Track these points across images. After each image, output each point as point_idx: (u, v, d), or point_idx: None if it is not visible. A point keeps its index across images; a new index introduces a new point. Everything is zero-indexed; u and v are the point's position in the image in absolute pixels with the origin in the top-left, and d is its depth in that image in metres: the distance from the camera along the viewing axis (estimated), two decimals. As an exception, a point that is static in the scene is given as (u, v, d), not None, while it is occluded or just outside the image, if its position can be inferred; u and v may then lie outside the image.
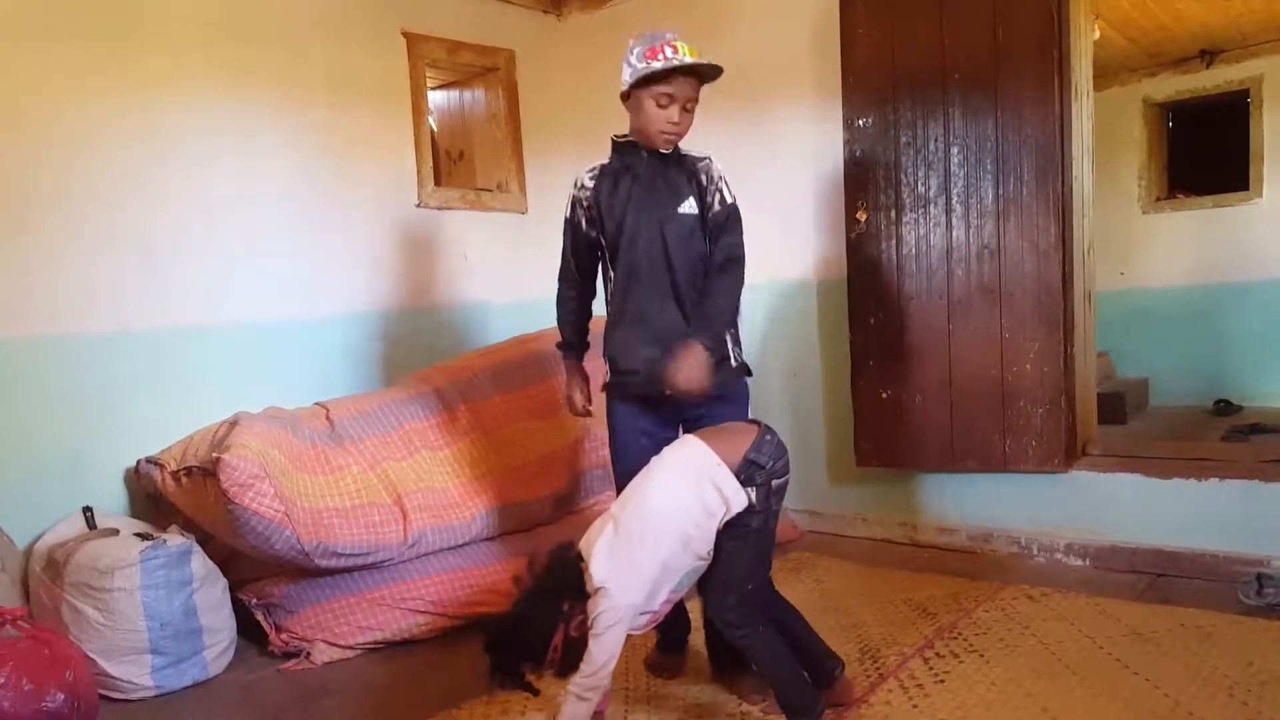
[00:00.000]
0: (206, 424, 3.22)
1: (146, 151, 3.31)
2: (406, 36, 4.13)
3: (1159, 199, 6.77)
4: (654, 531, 2.02)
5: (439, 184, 4.36)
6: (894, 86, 3.48)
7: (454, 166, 4.84)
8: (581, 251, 2.57)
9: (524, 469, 3.43)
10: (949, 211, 3.42)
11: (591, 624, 1.97)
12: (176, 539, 2.83)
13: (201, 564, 2.85)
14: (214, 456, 2.79)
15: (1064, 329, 3.30)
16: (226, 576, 2.98)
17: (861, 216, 3.60)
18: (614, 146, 2.51)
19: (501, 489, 3.34)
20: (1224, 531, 3.12)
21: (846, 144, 3.61)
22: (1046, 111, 3.22)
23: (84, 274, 3.17)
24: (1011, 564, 3.46)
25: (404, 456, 3.30)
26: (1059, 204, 3.25)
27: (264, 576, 3.06)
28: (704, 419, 2.39)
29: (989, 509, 3.60)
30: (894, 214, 3.53)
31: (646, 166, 2.45)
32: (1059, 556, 3.43)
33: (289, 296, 3.73)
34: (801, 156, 3.97)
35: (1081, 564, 3.38)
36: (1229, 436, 5.05)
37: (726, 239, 2.42)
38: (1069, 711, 2.24)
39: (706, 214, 2.43)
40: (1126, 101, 6.69)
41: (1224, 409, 6.03)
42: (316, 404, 3.54)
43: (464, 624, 3.06)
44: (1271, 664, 2.42)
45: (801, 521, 4.04)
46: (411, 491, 3.15)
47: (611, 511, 2.11)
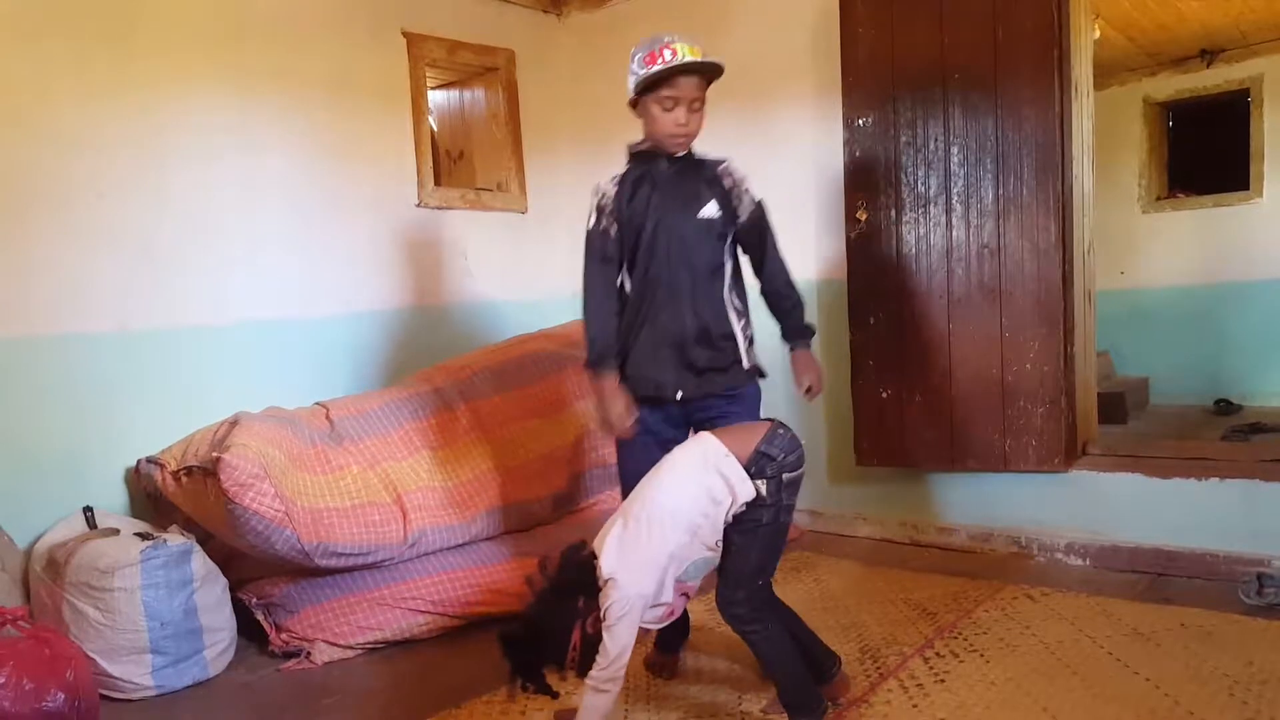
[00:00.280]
0: (207, 423, 3.22)
1: (147, 151, 3.31)
2: (406, 36, 4.14)
3: (1159, 198, 6.77)
4: (661, 522, 2.03)
5: (439, 184, 4.36)
6: (894, 86, 3.48)
7: (454, 166, 4.85)
8: (610, 260, 2.46)
9: (524, 469, 3.43)
10: (949, 211, 3.42)
11: (603, 616, 1.98)
12: (177, 539, 2.83)
13: (202, 564, 2.85)
14: (214, 456, 2.79)
15: (1064, 328, 3.30)
16: (226, 576, 2.98)
17: (861, 216, 3.60)
18: (631, 155, 2.50)
19: (502, 489, 3.34)
20: (1224, 531, 3.12)
21: (846, 143, 3.61)
22: (1046, 111, 3.22)
23: (84, 274, 3.17)
24: (1012, 563, 3.46)
25: (404, 456, 3.30)
26: (1059, 203, 3.25)
27: (264, 576, 3.06)
28: (716, 421, 2.40)
29: (989, 508, 3.60)
30: (894, 213, 3.53)
31: (665, 173, 2.45)
32: (1059, 556, 3.43)
33: (289, 296, 3.73)
34: (801, 156, 3.97)
35: (1082, 563, 3.38)
36: (1229, 436, 5.04)
37: (770, 237, 2.54)
38: (1069, 711, 2.24)
39: (735, 217, 2.47)
40: (1127, 101, 6.69)
41: (1224, 408, 6.03)
42: (316, 404, 3.54)
43: (464, 624, 3.07)
44: (1272, 663, 2.42)
45: (802, 521, 4.04)
46: (411, 491, 3.15)
47: (621, 508, 2.12)
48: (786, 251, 4.14)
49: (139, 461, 3.23)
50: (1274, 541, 3.02)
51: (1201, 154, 6.69)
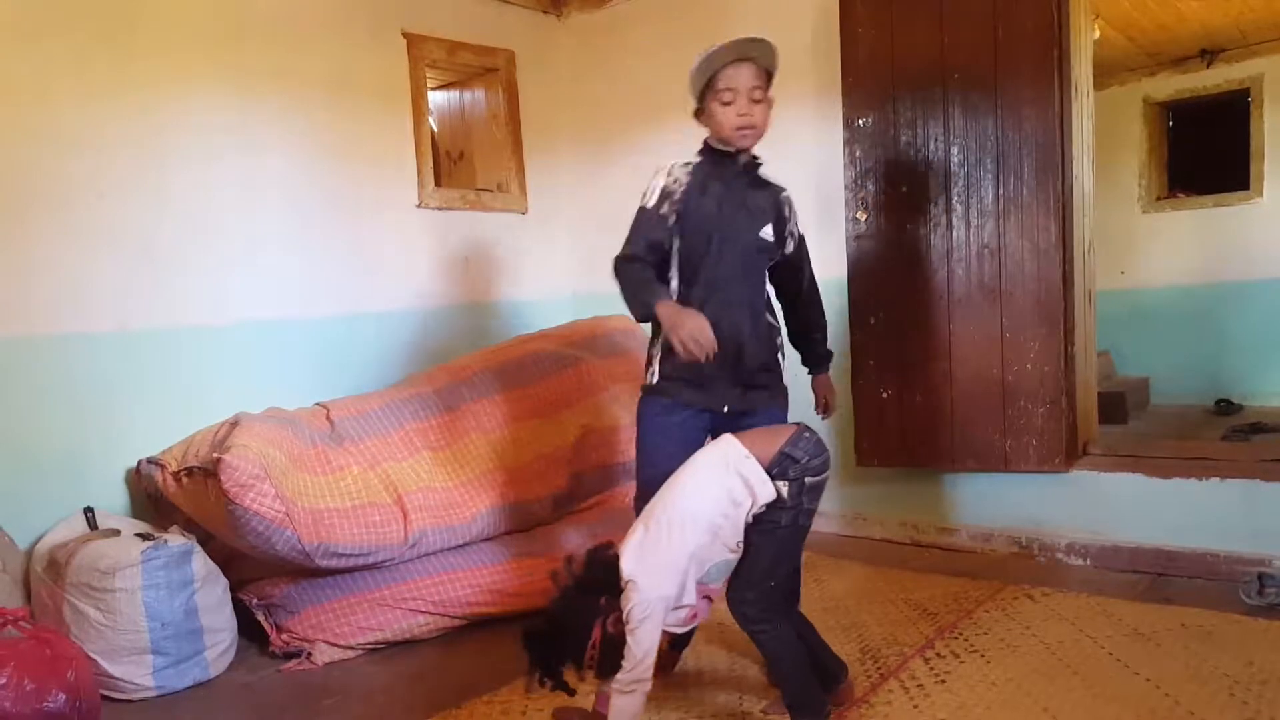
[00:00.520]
0: (207, 424, 3.22)
1: (147, 151, 3.31)
2: (406, 37, 4.14)
3: (1159, 198, 6.77)
4: (681, 523, 2.03)
5: (439, 184, 4.36)
6: (894, 86, 3.48)
7: (454, 167, 4.85)
8: (656, 245, 2.38)
9: (524, 469, 3.43)
10: (949, 211, 3.42)
11: (626, 619, 1.98)
12: (177, 539, 2.83)
13: (202, 564, 2.85)
14: (215, 457, 2.79)
15: (1064, 328, 3.30)
16: (227, 577, 2.98)
17: (861, 216, 3.60)
18: (706, 149, 2.45)
19: (502, 489, 3.33)
20: (1225, 531, 3.12)
21: (846, 143, 3.61)
22: (1046, 111, 3.22)
23: (84, 274, 3.17)
24: (1012, 564, 3.46)
25: (405, 456, 3.30)
26: (1059, 203, 3.25)
27: (265, 577, 3.06)
28: (741, 428, 2.38)
29: (989, 509, 3.60)
30: (894, 213, 3.53)
31: (737, 179, 2.44)
32: (1060, 556, 3.43)
33: (289, 296, 3.73)
34: (801, 156, 3.96)
35: (1082, 563, 3.38)
36: (1229, 436, 5.04)
37: (808, 270, 2.65)
38: (1070, 711, 2.24)
39: (783, 244, 2.51)
40: (1127, 101, 6.69)
41: (1224, 408, 6.03)
42: (317, 404, 3.54)
43: (465, 624, 3.08)
44: (1272, 663, 2.42)
45: (802, 521, 4.04)
46: (412, 491, 3.15)
47: (643, 514, 2.12)
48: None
49: (140, 462, 3.23)
50: (1275, 541, 3.03)
51: (1201, 154, 6.69)
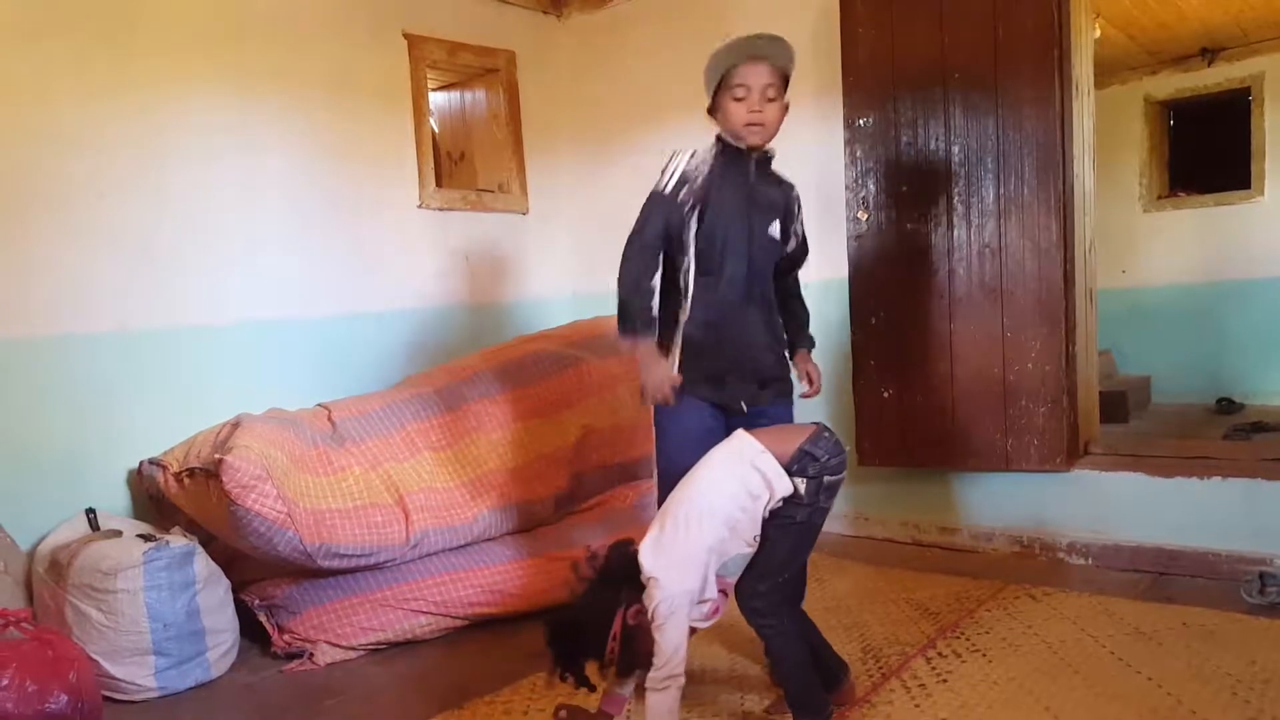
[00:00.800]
0: (208, 425, 3.22)
1: (147, 151, 3.31)
2: (407, 38, 4.14)
3: (1160, 197, 6.77)
4: (699, 518, 2.04)
5: (440, 185, 4.36)
6: (894, 85, 3.48)
7: (455, 167, 4.85)
8: (669, 232, 2.36)
9: (526, 469, 3.43)
10: (950, 210, 3.42)
11: (652, 617, 1.99)
12: (179, 540, 2.83)
13: (204, 565, 2.85)
14: (216, 458, 2.79)
15: (1065, 327, 3.30)
16: (229, 577, 2.98)
17: (862, 215, 3.59)
18: (720, 143, 2.43)
19: (503, 489, 3.33)
20: (1226, 530, 3.12)
21: (847, 143, 3.61)
22: (1047, 110, 3.22)
23: (84, 274, 3.17)
24: (1013, 563, 3.46)
25: (406, 457, 3.29)
26: (1060, 202, 3.24)
27: (266, 577, 3.06)
28: (766, 414, 2.45)
29: (991, 508, 3.60)
30: (895, 213, 3.53)
31: (752, 175, 2.44)
32: (1061, 555, 3.43)
33: (290, 296, 3.74)
34: (802, 155, 3.93)
35: (1084, 563, 3.38)
36: (1231, 435, 5.04)
37: (799, 271, 2.66)
38: (1071, 710, 2.24)
39: (787, 241, 2.53)
40: (1127, 100, 6.69)
41: (1226, 407, 6.02)
42: (318, 405, 3.54)
43: (467, 624, 3.08)
44: (1274, 662, 2.42)
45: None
46: (413, 492, 3.15)
47: (659, 513, 2.13)
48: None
49: (141, 463, 3.23)
50: (1276, 540, 3.02)
51: (1202, 152, 6.69)
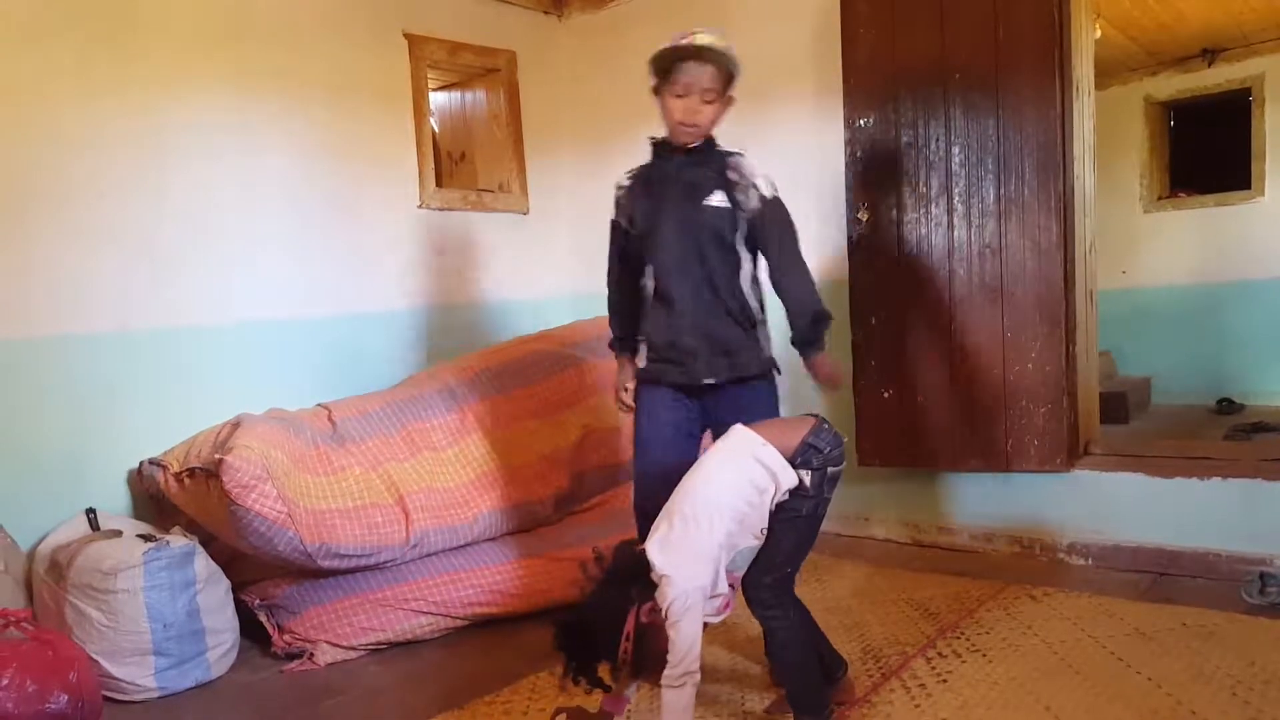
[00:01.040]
0: (208, 425, 3.22)
1: (147, 151, 3.31)
2: (408, 38, 4.14)
3: (1161, 198, 6.77)
4: (708, 514, 2.05)
5: (440, 185, 4.36)
6: (895, 86, 3.48)
7: (455, 167, 4.85)
8: (625, 251, 2.60)
9: (526, 469, 3.43)
10: (950, 211, 3.42)
11: (665, 615, 1.98)
12: (179, 540, 2.83)
13: (204, 565, 2.85)
14: (216, 458, 2.79)
15: (1066, 328, 3.30)
16: (229, 578, 2.98)
17: (863, 216, 3.59)
18: (651, 146, 2.53)
19: (504, 489, 3.34)
20: (1226, 530, 3.12)
21: (848, 144, 3.61)
22: (1048, 110, 3.22)
23: (84, 274, 3.17)
24: (1013, 563, 3.46)
25: (406, 457, 3.30)
26: (1060, 203, 3.24)
27: (267, 577, 3.06)
28: (728, 411, 2.42)
29: (991, 508, 3.60)
30: (895, 213, 3.53)
31: (677, 165, 2.46)
32: (1061, 556, 3.43)
33: (290, 297, 3.73)
34: (803, 156, 3.96)
35: (1084, 563, 3.38)
36: (1231, 435, 5.04)
37: (774, 247, 2.44)
38: (1071, 710, 2.24)
39: (739, 210, 2.43)
40: (1128, 100, 6.68)
41: (1226, 408, 6.02)
42: (319, 405, 3.54)
43: (467, 625, 3.08)
44: (1274, 663, 2.42)
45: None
46: (414, 492, 3.15)
47: (665, 510, 2.13)
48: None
49: (141, 463, 3.23)
50: (1276, 541, 3.02)
51: (1203, 153, 6.69)
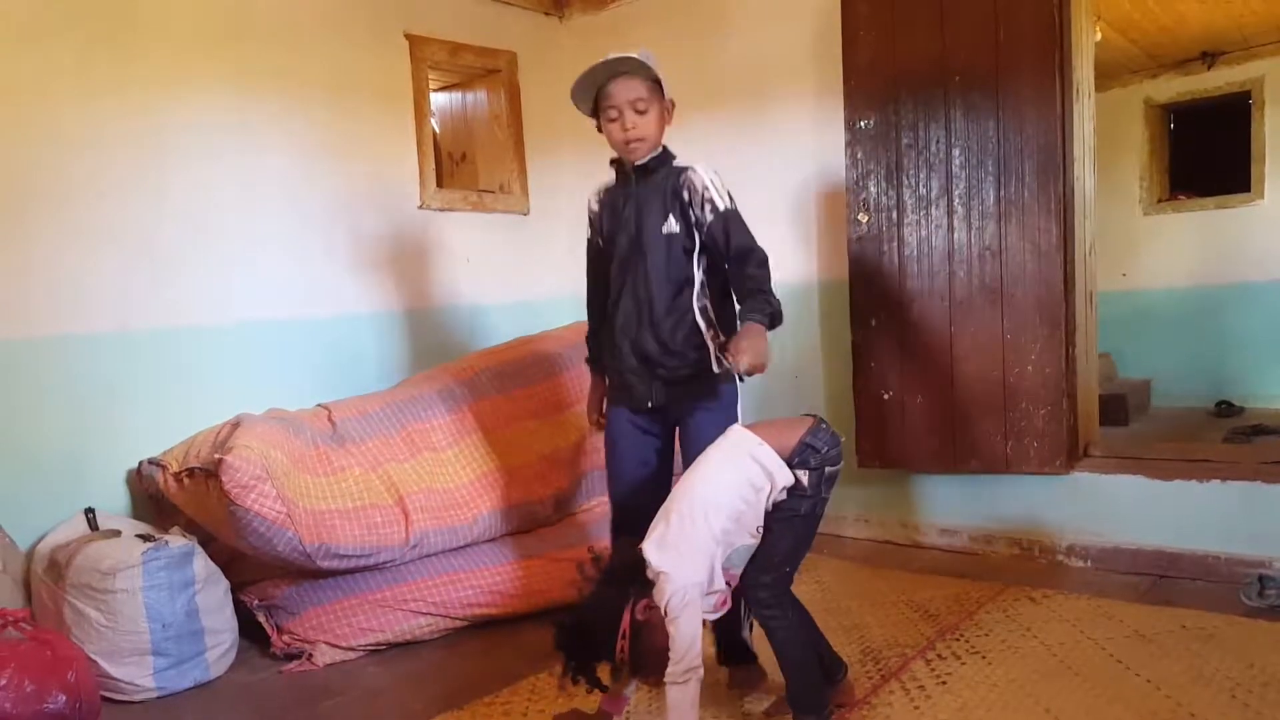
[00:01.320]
0: (208, 425, 3.22)
1: (147, 151, 3.31)
2: (408, 38, 4.14)
3: (1160, 200, 6.77)
4: (704, 511, 2.06)
5: (441, 185, 4.36)
6: (895, 88, 3.48)
7: (456, 168, 4.85)
8: (598, 270, 2.62)
9: (526, 469, 3.43)
10: (950, 213, 3.42)
11: (665, 611, 1.99)
12: (178, 540, 2.83)
13: (203, 565, 2.85)
14: (216, 458, 2.79)
15: (1065, 330, 3.30)
16: (228, 578, 2.98)
17: (863, 218, 3.59)
18: (613, 167, 2.54)
19: (504, 490, 3.33)
20: (1226, 533, 3.12)
21: (848, 145, 3.61)
22: (1048, 113, 3.22)
23: (84, 274, 3.17)
24: (1013, 565, 3.45)
25: (406, 458, 3.29)
26: (1060, 205, 3.25)
27: (266, 578, 3.06)
28: (691, 421, 2.45)
29: (990, 510, 3.60)
30: (895, 215, 3.53)
31: (636, 184, 2.47)
32: (1060, 558, 3.43)
33: (290, 297, 3.73)
34: (803, 157, 3.97)
35: (1083, 565, 3.38)
36: (1231, 438, 5.04)
37: (734, 244, 2.33)
38: (1071, 712, 2.24)
39: (696, 228, 2.39)
40: (1128, 103, 6.69)
41: (1226, 410, 6.02)
42: (319, 405, 3.54)
43: (466, 625, 3.08)
44: (1273, 665, 2.42)
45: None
46: (413, 493, 3.15)
47: (661, 511, 2.14)
48: (788, 253, 4.15)
49: (141, 463, 3.23)
50: (1275, 543, 3.02)
51: (1203, 156, 6.69)
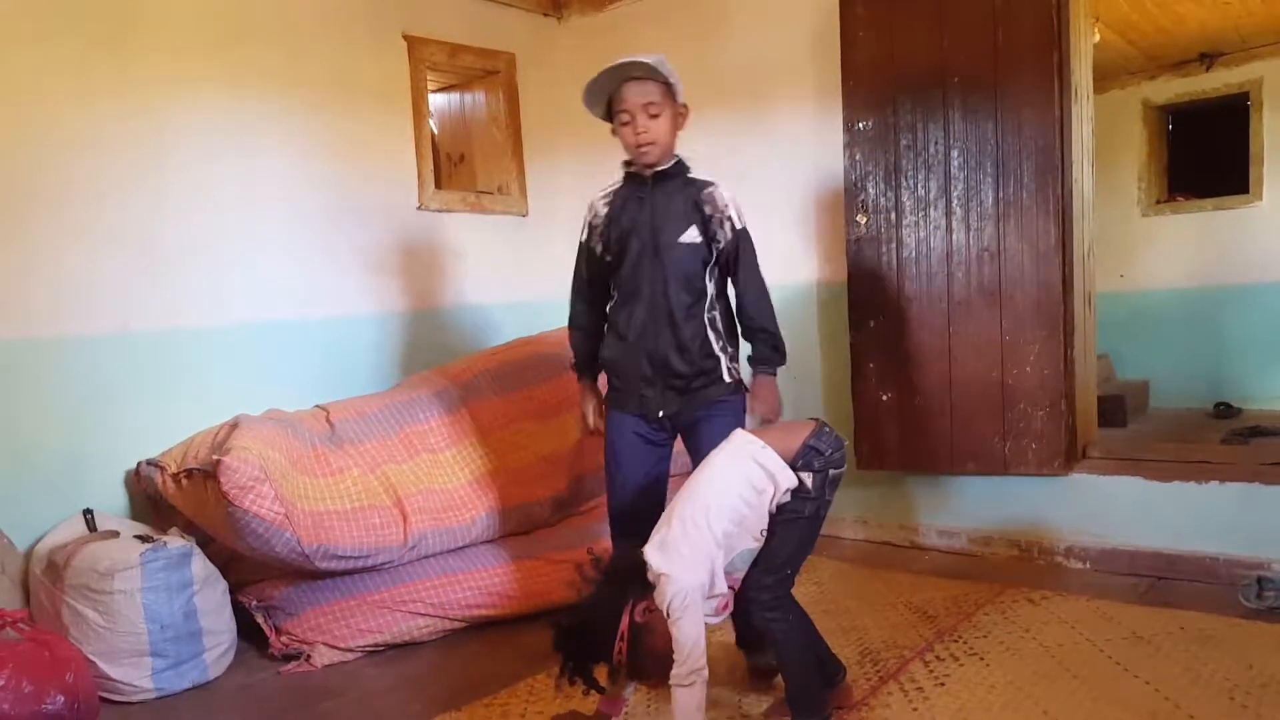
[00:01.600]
0: (207, 426, 3.22)
1: (147, 152, 3.31)
2: (407, 39, 4.14)
3: (1159, 201, 6.77)
4: (706, 513, 2.06)
5: (439, 186, 4.36)
6: (894, 89, 3.48)
7: (455, 169, 4.85)
8: (594, 275, 2.60)
9: (524, 471, 3.43)
10: (949, 214, 3.42)
11: (667, 612, 1.99)
12: (177, 541, 2.83)
13: (202, 566, 2.85)
14: (214, 459, 2.79)
15: (1064, 331, 3.30)
16: (227, 579, 2.98)
17: (862, 219, 3.60)
18: (625, 172, 2.54)
19: (502, 491, 3.33)
20: (1224, 534, 3.12)
21: (847, 146, 3.62)
22: (1046, 114, 3.22)
23: (84, 274, 3.17)
24: (1011, 567, 3.46)
25: (404, 459, 3.29)
26: (1059, 206, 3.25)
27: (264, 579, 3.06)
28: (699, 427, 2.48)
29: (989, 512, 3.60)
30: (894, 217, 3.53)
31: (652, 191, 2.46)
32: (1059, 559, 3.43)
33: (290, 298, 3.73)
34: (802, 159, 3.97)
35: (1082, 567, 3.38)
36: (1229, 439, 5.03)
37: (743, 273, 2.50)
38: (1069, 714, 2.24)
39: (713, 244, 2.46)
40: (1126, 104, 6.69)
41: (1224, 412, 6.02)
42: (317, 406, 3.54)
43: (464, 626, 3.08)
44: (1272, 667, 2.42)
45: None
46: (412, 494, 3.15)
47: (664, 515, 2.14)
48: (788, 254, 4.16)
49: (139, 464, 3.22)
50: (1274, 545, 3.02)
51: (1201, 157, 6.70)
